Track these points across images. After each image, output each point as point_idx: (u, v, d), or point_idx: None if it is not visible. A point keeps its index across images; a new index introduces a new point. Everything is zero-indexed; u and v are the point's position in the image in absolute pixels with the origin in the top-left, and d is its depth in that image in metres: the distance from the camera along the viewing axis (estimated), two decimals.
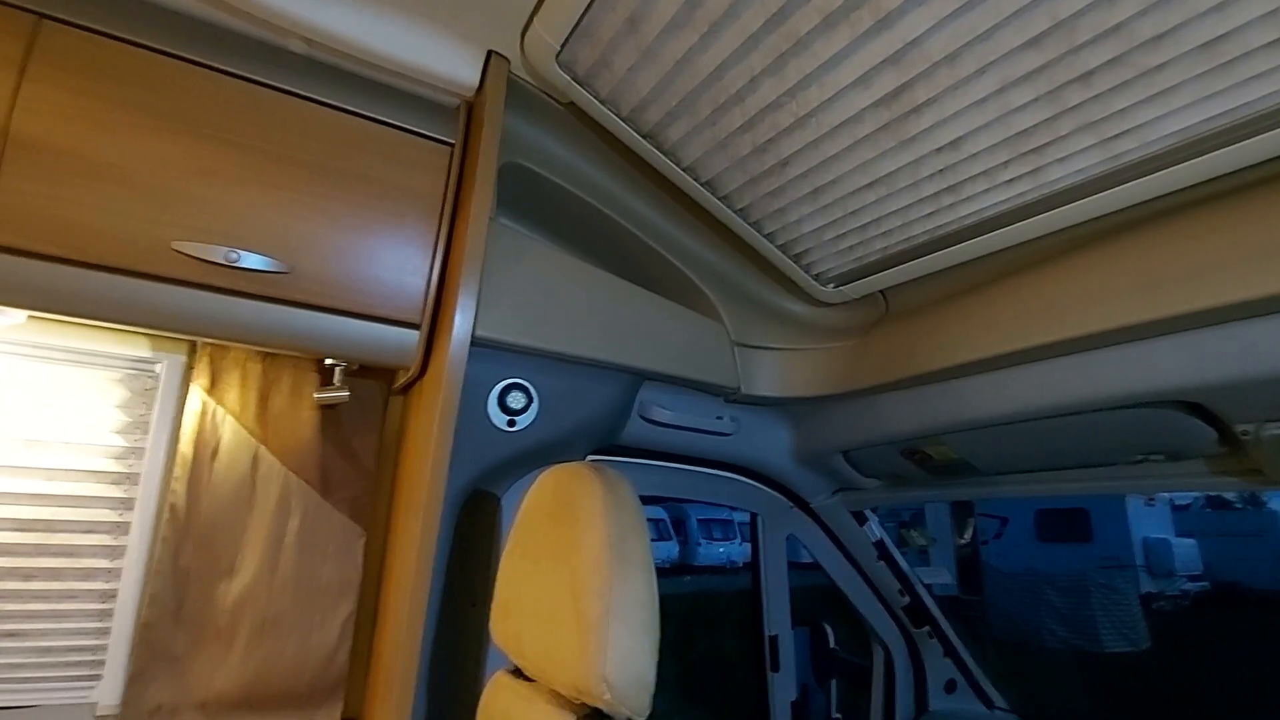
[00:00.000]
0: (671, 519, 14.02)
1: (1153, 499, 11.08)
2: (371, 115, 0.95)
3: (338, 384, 1.06)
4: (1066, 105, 0.77)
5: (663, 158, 1.02)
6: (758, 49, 0.81)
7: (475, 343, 0.94)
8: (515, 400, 1.08)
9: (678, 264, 1.25)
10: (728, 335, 1.27)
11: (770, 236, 1.13)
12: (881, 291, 1.23)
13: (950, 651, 1.91)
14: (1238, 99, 0.71)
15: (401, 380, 1.06)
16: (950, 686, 1.94)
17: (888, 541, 1.78)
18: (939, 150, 0.88)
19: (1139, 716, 5.98)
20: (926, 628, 1.86)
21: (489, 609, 0.83)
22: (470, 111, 1.02)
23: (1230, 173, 0.80)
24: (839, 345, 1.31)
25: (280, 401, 1.07)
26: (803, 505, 1.69)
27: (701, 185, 1.06)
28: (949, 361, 1.06)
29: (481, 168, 0.93)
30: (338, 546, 1.08)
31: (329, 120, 0.92)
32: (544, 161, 1.12)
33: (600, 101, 0.95)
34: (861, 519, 1.73)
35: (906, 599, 1.83)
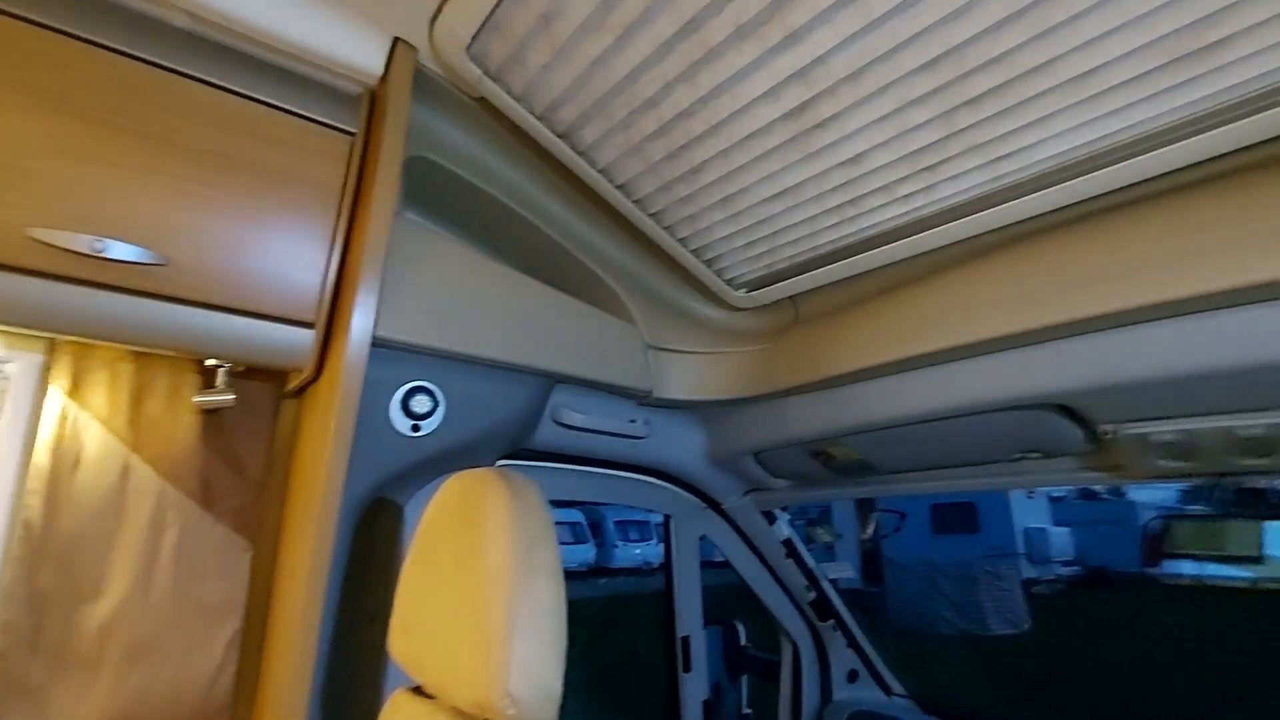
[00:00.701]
0: (589, 522, 13.97)
1: (1032, 492, 12.08)
2: (263, 99, 0.88)
3: (221, 386, 0.98)
4: (956, 127, 0.82)
5: (577, 159, 1.01)
6: (671, 55, 0.81)
7: (376, 343, 0.89)
8: (420, 404, 1.03)
9: (592, 266, 1.24)
10: (641, 338, 1.27)
11: (684, 241, 1.14)
12: (790, 297, 1.27)
13: (853, 643, 2.00)
14: (1104, 128, 0.78)
15: (294, 383, 0.99)
16: (852, 676, 2.03)
17: (796, 539, 1.84)
18: (842, 164, 0.92)
19: (1021, 692, 6.48)
20: (831, 621, 1.94)
21: (389, 624, 0.79)
22: (374, 100, 0.97)
23: (1096, 196, 0.87)
24: (750, 349, 1.35)
25: (155, 405, 0.98)
26: (715, 506, 1.72)
27: (616, 188, 1.05)
28: (850, 366, 1.11)
29: (384, 159, 0.89)
30: (220, 562, 1.00)
31: (215, 102, 0.85)
32: (454, 156, 1.08)
33: (513, 98, 0.93)
34: (771, 518, 1.78)
35: (813, 594, 1.90)
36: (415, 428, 1.04)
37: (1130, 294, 0.82)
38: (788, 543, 1.82)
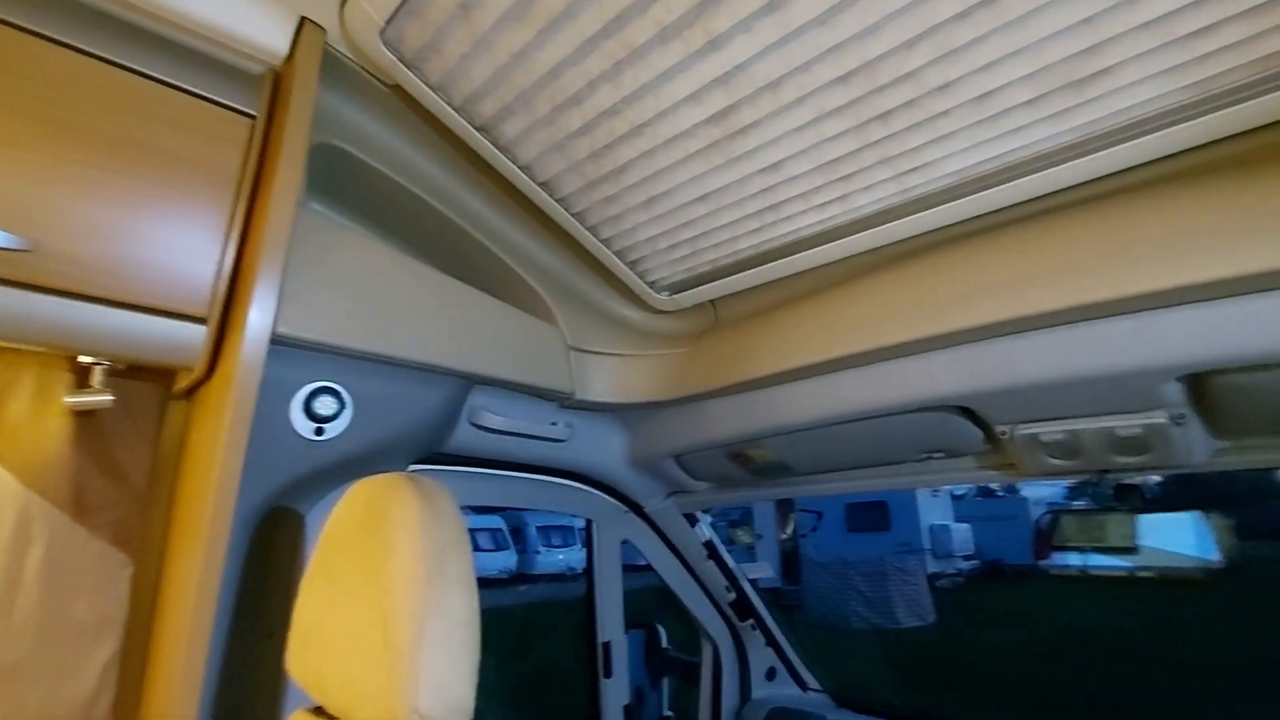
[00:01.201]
0: (510, 527, 13.72)
1: (937, 491, 12.79)
2: (154, 75, 0.81)
3: (98, 386, 0.89)
4: (869, 140, 0.85)
5: (498, 154, 0.98)
6: (595, 53, 0.80)
7: (276, 340, 0.83)
8: (324, 406, 0.97)
9: (512, 265, 1.21)
10: (563, 339, 1.25)
11: (607, 242, 1.14)
12: (711, 301, 1.29)
13: (771, 641, 2.04)
14: (1002, 147, 0.83)
15: (183, 383, 0.91)
16: (771, 674, 2.07)
17: (716, 541, 1.86)
18: (762, 171, 0.93)
19: (927, 681, 6.83)
20: (750, 620, 1.97)
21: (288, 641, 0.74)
22: (277, 82, 0.91)
23: (996, 210, 0.93)
24: (671, 352, 1.35)
25: (19, 406, 0.88)
26: (637, 510, 1.72)
27: (539, 186, 1.03)
28: (768, 370, 1.14)
29: (288, 145, 0.83)
30: (96, 578, 0.91)
31: (95, 75, 0.77)
32: (365, 146, 1.03)
33: (430, 88, 0.90)
34: (693, 520, 1.80)
35: (733, 595, 1.93)
36: (319, 431, 0.98)
37: (1023, 303, 0.87)
38: (709, 544, 1.84)
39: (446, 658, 0.58)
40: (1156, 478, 1.20)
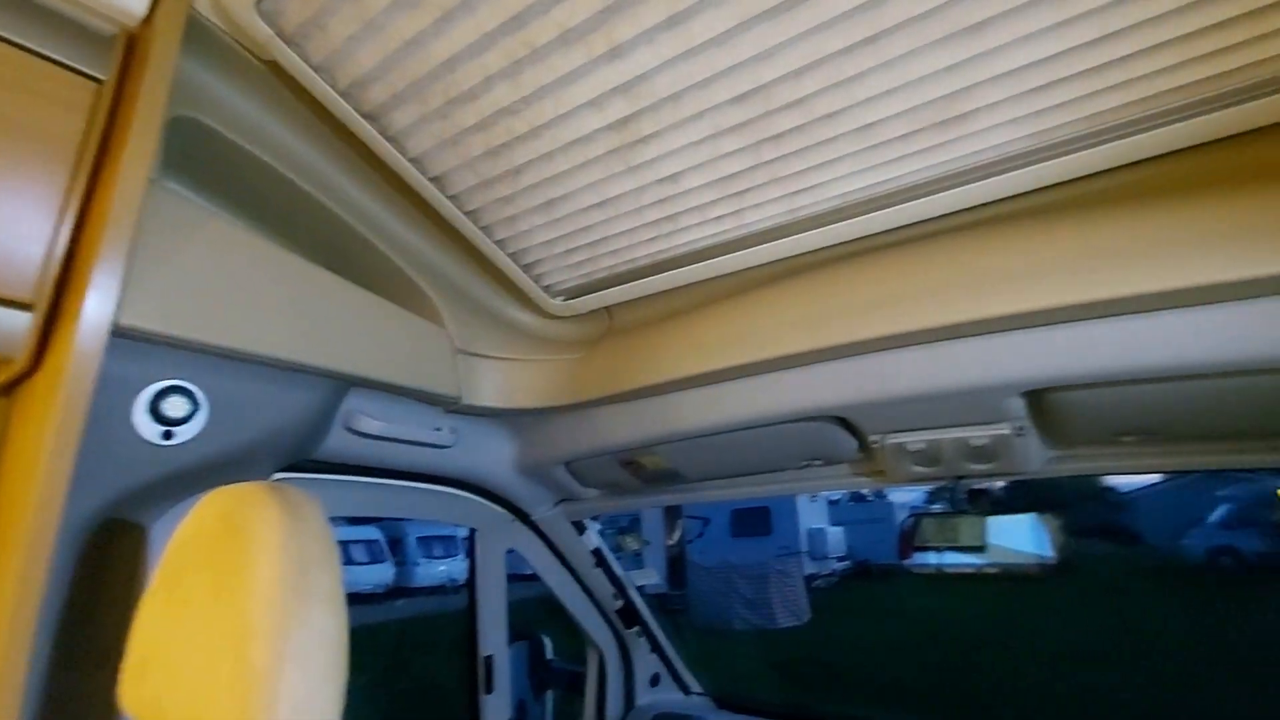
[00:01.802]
0: (388, 538, 13.03)
1: (815, 496, 13.54)
2: None
3: None
4: (762, 159, 0.88)
5: (386, 144, 0.93)
6: (494, 49, 0.78)
7: (118, 333, 0.74)
8: (174, 407, 0.87)
9: (398, 262, 1.15)
10: (450, 342, 1.20)
11: (501, 244, 1.11)
12: (607, 308, 1.29)
13: (656, 647, 2.06)
14: (881, 175, 0.89)
15: (2, 377, 0.79)
16: (655, 680, 2.10)
17: (604, 549, 1.86)
18: (660, 181, 0.95)
19: (802, 678, 7.18)
20: (636, 628, 1.98)
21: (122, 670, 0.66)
22: (132, 45, 0.82)
23: (873, 234, 0.99)
24: (564, 358, 1.34)
25: None
26: (524, 518, 1.68)
27: (430, 180, 0.99)
28: (661, 378, 1.15)
29: (141, 115, 0.74)
30: None
31: None
32: (234, 124, 0.94)
33: (311, 67, 0.84)
34: (581, 528, 1.79)
35: (620, 602, 1.93)
36: (167, 435, 0.87)
37: (894, 322, 0.94)
38: (597, 552, 1.83)
39: (309, 682, 0.53)
40: (1002, 483, 1.33)
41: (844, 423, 1.16)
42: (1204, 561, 12.53)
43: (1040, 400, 1.02)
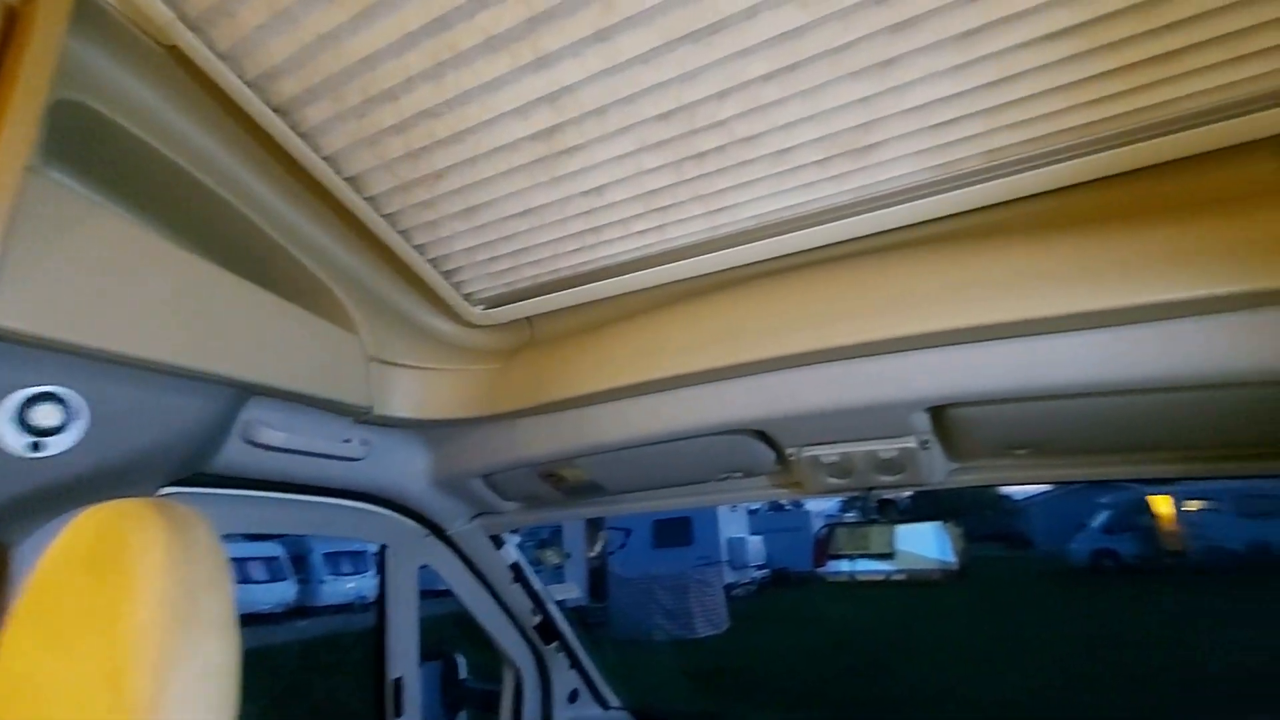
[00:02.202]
0: (291, 555, 12.33)
1: (735, 506, 13.83)
2: None
3: None
4: (684, 177, 0.90)
5: (298, 140, 0.89)
6: (416, 50, 0.76)
7: None
8: (46, 416, 0.78)
9: (307, 264, 1.09)
10: (362, 349, 1.15)
11: (421, 249, 1.07)
12: (529, 318, 1.27)
13: (575, 662, 2.03)
14: (797, 198, 0.92)
15: None
16: (573, 696, 2.06)
17: (523, 563, 1.82)
18: (585, 193, 0.94)
19: (720, 686, 7.27)
20: (555, 643, 1.95)
21: None
22: (13, 20, 0.74)
23: (791, 254, 1.02)
24: (484, 367, 1.31)
25: None
26: (438, 533, 1.63)
27: (345, 181, 0.95)
28: (583, 390, 1.14)
29: (20, 97, 0.68)
30: None
31: None
32: (129, 111, 0.87)
33: (217, 55, 0.79)
34: (499, 542, 1.74)
35: (538, 618, 1.89)
36: (36, 446, 0.78)
37: (810, 339, 0.97)
38: (515, 567, 1.79)
39: (196, 713, 0.49)
40: (909, 493, 1.39)
41: (763, 436, 1.19)
42: (1088, 564, 13.64)
43: (942, 415, 1.08)
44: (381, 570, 1.59)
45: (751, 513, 15.92)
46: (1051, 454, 1.18)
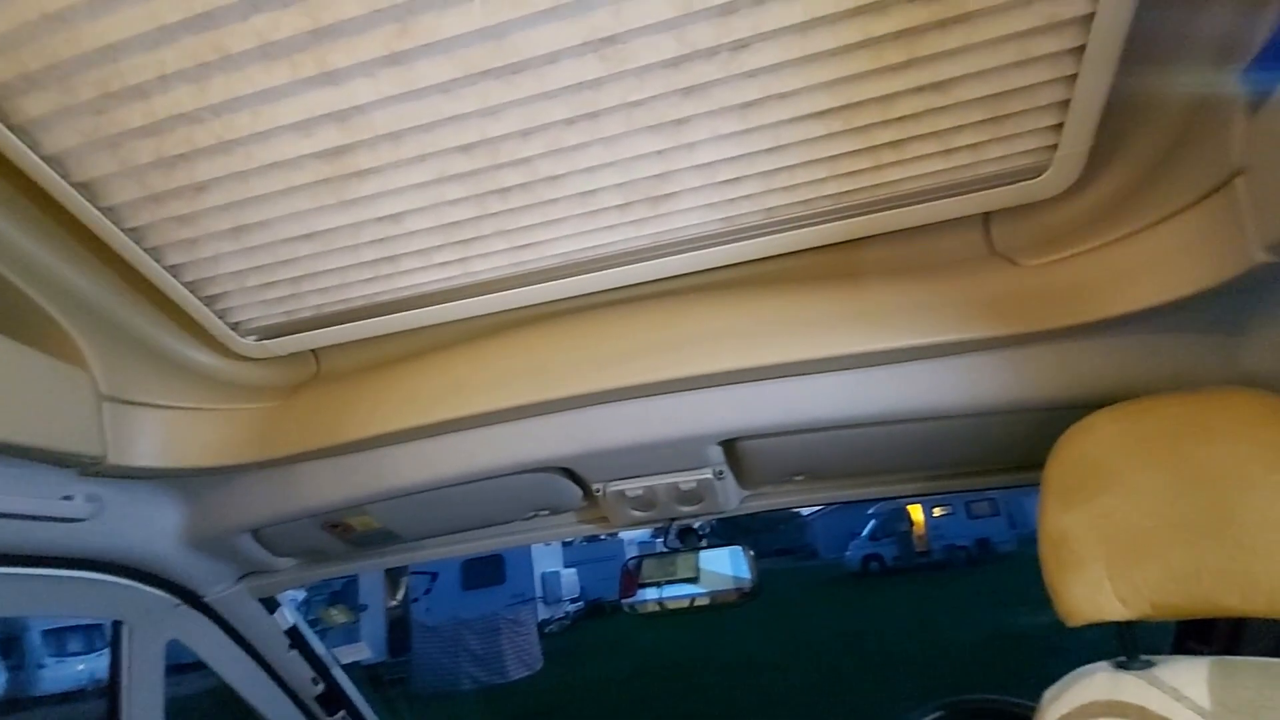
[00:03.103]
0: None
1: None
2: None
3: None
4: (488, 210, 0.88)
5: (7, 134, 0.73)
6: (173, 46, 0.66)
7: None
8: None
9: (19, 284, 0.89)
10: (93, 387, 0.95)
11: (175, 270, 0.92)
12: (314, 351, 1.15)
13: None
14: (598, 240, 0.95)
15: None
16: None
17: (302, 626, 1.61)
18: (380, 220, 0.88)
19: None
20: (342, 712, 1.75)
21: None
22: None
23: (594, 292, 1.04)
24: (255, 406, 1.15)
25: None
26: (193, 601, 1.38)
27: (74, 187, 0.79)
28: (375, 430, 1.06)
29: None
30: None
31: None
32: None
33: None
34: (273, 605, 1.53)
35: (321, 686, 1.68)
36: None
37: (613, 376, 1.00)
38: (292, 632, 1.58)
39: None
40: (709, 520, 1.48)
41: (569, 473, 1.19)
42: (860, 568, 15.51)
43: (734, 448, 1.16)
44: (115, 651, 1.32)
45: (566, 544, 15.82)
46: (824, 478, 1.33)
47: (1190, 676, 0.74)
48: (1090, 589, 0.79)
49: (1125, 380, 0.96)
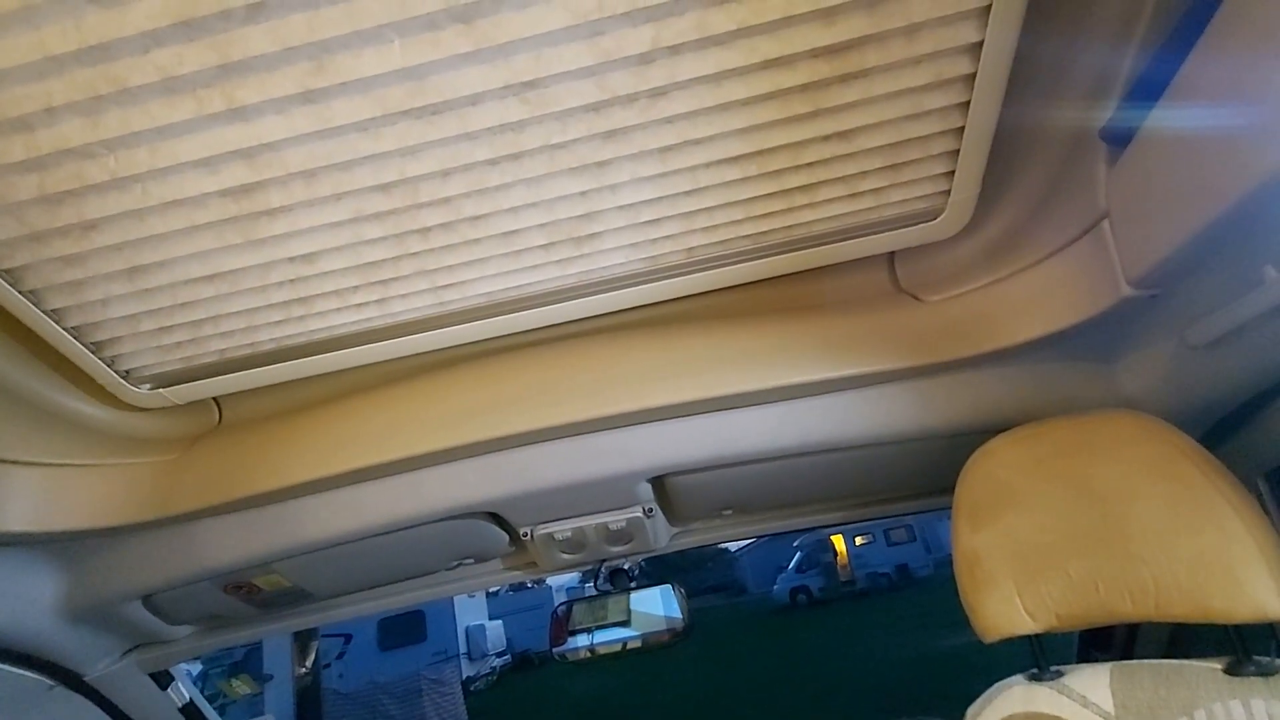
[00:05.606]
0: None
1: (473, 592, 13.12)
2: None
3: None
4: (408, 250, 0.86)
5: None
6: (60, 76, 0.63)
7: None
8: None
9: None
10: None
11: (56, 315, 0.85)
12: (216, 399, 1.08)
13: None
14: (523, 279, 0.94)
15: None
16: None
17: (199, 702, 1.47)
18: (292, 260, 0.85)
19: None
20: None
21: None
22: None
23: (519, 332, 1.04)
24: (148, 460, 1.06)
25: None
26: (72, 682, 1.23)
27: None
28: (284, 481, 0.99)
29: None
30: None
31: None
32: None
33: None
34: (166, 679, 1.38)
35: None
36: None
37: (538, 417, 0.99)
38: (189, 709, 1.43)
39: None
40: (639, 560, 1.46)
41: (494, 517, 1.15)
42: (788, 600, 15.68)
43: (662, 484, 1.16)
44: None
45: (491, 594, 15.20)
46: (751, 511, 1.35)
47: (1094, 682, 0.79)
48: (1003, 605, 0.84)
49: (1022, 406, 1.03)
